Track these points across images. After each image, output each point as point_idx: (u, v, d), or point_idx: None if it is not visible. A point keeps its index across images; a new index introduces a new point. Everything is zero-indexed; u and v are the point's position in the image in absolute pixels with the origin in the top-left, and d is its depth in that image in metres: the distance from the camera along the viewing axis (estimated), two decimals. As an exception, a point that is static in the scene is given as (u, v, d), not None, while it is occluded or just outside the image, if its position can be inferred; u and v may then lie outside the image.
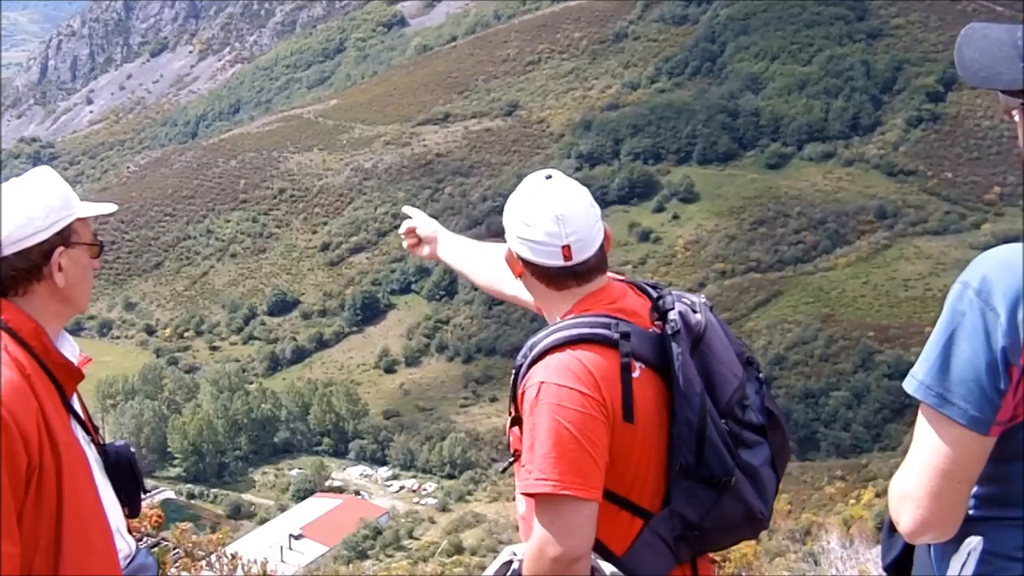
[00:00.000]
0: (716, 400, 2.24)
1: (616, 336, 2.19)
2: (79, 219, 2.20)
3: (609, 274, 2.46)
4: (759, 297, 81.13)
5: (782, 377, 68.44)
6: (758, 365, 2.42)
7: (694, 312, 2.29)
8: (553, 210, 2.26)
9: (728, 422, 2.24)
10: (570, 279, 2.30)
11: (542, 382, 2.16)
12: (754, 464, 2.26)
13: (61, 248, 2.15)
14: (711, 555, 2.43)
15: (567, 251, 2.25)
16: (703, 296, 2.38)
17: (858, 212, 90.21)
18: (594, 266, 2.30)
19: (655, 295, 2.36)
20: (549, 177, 2.33)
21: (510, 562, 2.28)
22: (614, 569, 2.20)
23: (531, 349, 2.24)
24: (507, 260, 2.39)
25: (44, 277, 2.14)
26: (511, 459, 2.28)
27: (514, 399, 2.27)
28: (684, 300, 2.32)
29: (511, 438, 2.29)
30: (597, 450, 2.13)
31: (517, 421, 2.25)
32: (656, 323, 2.29)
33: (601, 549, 2.22)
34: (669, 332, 2.23)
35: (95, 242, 2.25)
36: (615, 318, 2.24)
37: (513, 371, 2.28)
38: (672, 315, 2.25)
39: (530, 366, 2.23)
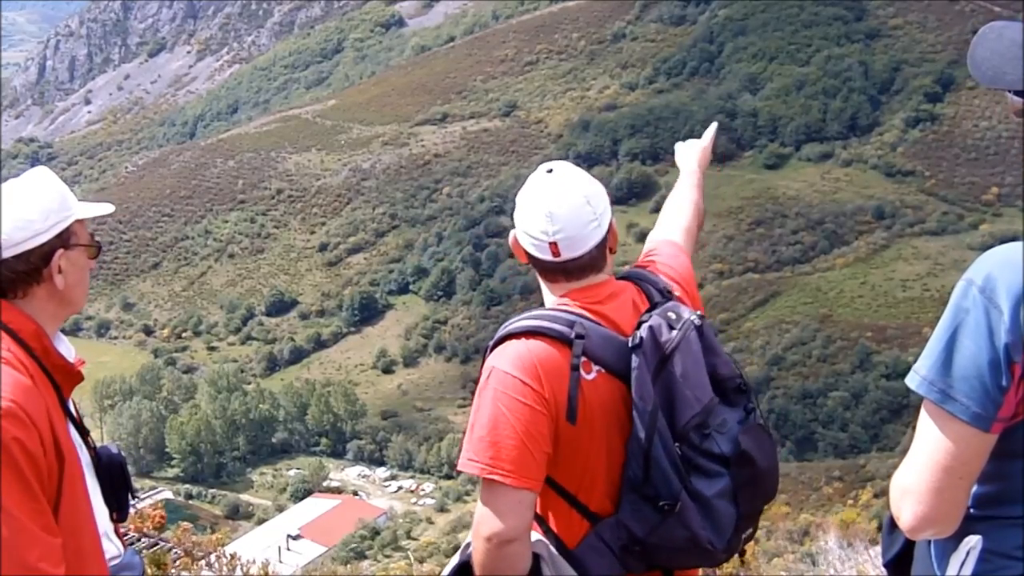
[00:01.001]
0: (672, 422, 2.18)
1: (572, 335, 2.19)
2: (77, 220, 2.20)
3: (631, 269, 2.47)
4: (757, 298, 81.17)
5: (780, 377, 68.51)
6: (752, 394, 2.33)
7: (670, 328, 2.21)
8: (545, 206, 2.27)
9: (682, 446, 2.17)
10: (559, 274, 2.31)
11: (493, 367, 2.19)
12: (705, 494, 2.17)
13: (61, 250, 2.15)
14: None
15: (554, 248, 2.26)
16: (695, 313, 2.29)
17: (856, 212, 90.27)
18: (587, 264, 2.29)
19: (655, 302, 2.34)
20: (550, 171, 2.34)
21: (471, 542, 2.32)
22: (564, 563, 2.22)
23: (499, 331, 2.28)
24: (512, 247, 2.42)
25: (44, 279, 2.14)
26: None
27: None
28: (670, 314, 2.25)
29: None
30: (533, 440, 2.13)
31: None
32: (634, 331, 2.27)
33: (556, 540, 2.25)
34: (631, 344, 2.20)
35: (93, 243, 2.25)
36: (582, 317, 2.23)
37: (484, 349, 2.32)
38: (642, 329, 2.21)
39: (492, 348, 2.26)
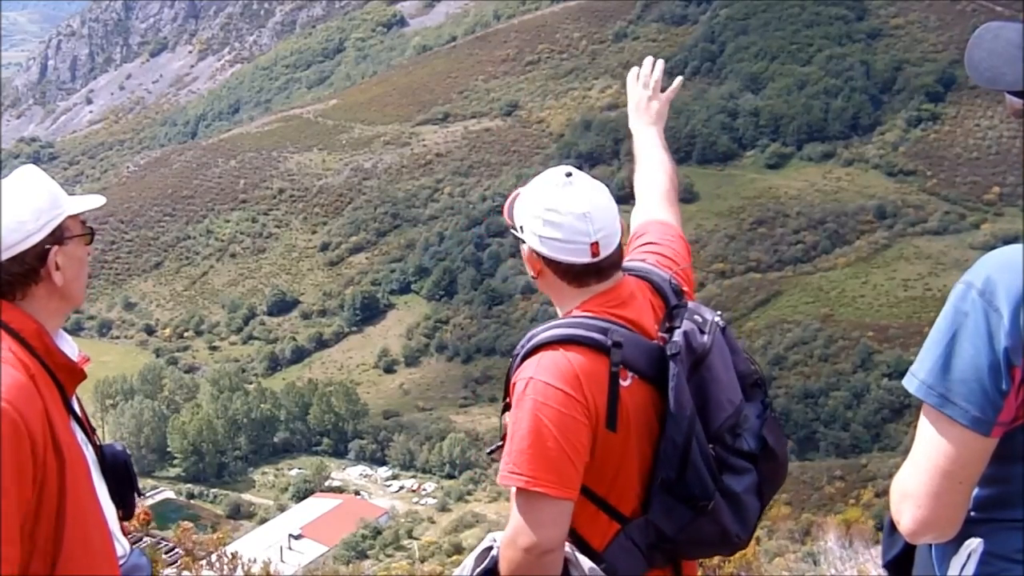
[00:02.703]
0: (707, 424, 2.24)
1: (608, 343, 2.19)
2: (69, 216, 2.19)
3: (635, 263, 2.49)
4: (758, 297, 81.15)
5: (781, 377, 68.45)
6: (767, 388, 2.43)
7: (702, 332, 2.28)
8: (580, 207, 2.26)
9: (716, 447, 2.25)
10: (592, 276, 2.31)
11: (531, 377, 2.18)
12: (736, 491, 2.26)
13: (56, 247, 2.14)
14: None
15: (595, 247, 2.26)
16: (718, 314, 2.37)
17: (857, 212, 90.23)
18: (616, 261, 2.33)
19: (672, 303, 2.37)
20: (569, 174, 2.33)
21: (490, 548, 2.29)
22: (592, 564, 2.22)
23: (528, 341, 2.26)
24: (527, 259, 2.38)
25: (42, 279, 2.13)
26: (499, 443, 2.29)
27: (507, 387, 2.29)
28: (696, 316, 2.31)
29: (503, 424, 2.30)
30: (575, 451, 2.15)
31: (508, 408, 2.27)
32: (661, 335, 2.29)
33: (581, 543, 2.25)
34: (669, 352, 2.23)
35: (86, 231, 2.24)
36: (614, 323, 2.24)
37: (511, 360, 2.30)
38: (676, 334, 2.26)
39: (524, 358, 2.24)
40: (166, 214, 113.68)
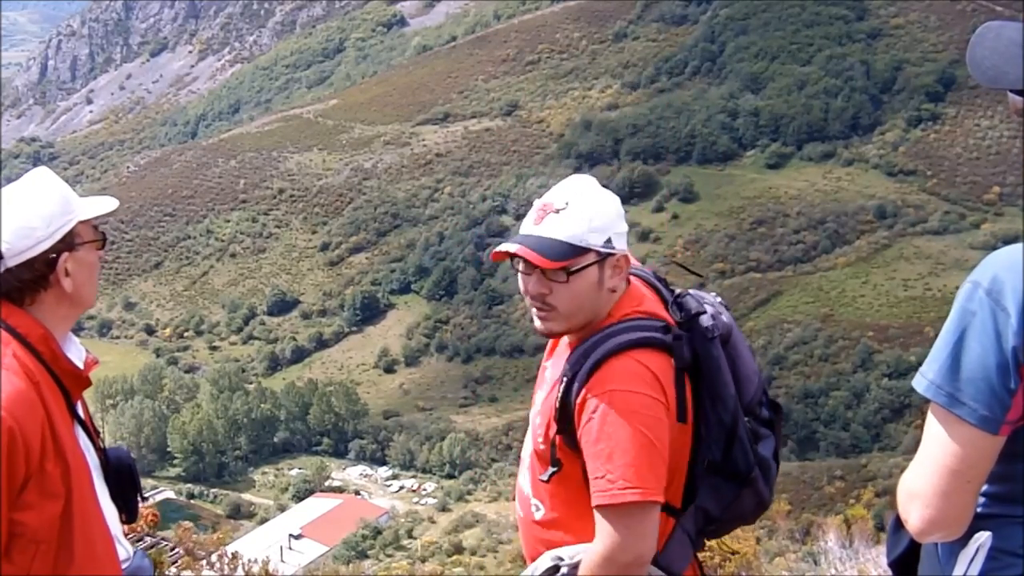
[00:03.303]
0: (741, 398, 2.30)
1: (670, 340, 2.21)
2: (80, 221, 2.16)
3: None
4: (759, 297, 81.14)
5: (782, 377, 68.44)
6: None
7: (719, 313, 2.34)
8: (618, 202, 2.31)
9: (750, 420, 2.34)
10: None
11: (613, 390, 2.14)
12: (767, 457, 2.36)
13: (66, 254, 2.12)
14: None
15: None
16: (715, 294, 2.42)
17: (858, 212, 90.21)
18: None
19: (670, 294, 2.39)
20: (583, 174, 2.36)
21: (556, 567, 2.25)
22: (655, 570, 2.23)
23: (585, 357, 2.20)
24: (616, 266, 2.27)
25: (51, 284, 2.12)
26: (554, 469, 2.24)
27: (564, 407, 2.21)
28: (707, 301, 2.35)
29: (555, 447, 2.24)
30: (667, 453, 2.17)
31: (565, 430, 2.21)
32: (675, 321, 2.30)
33: None
34: (710, 336, 2.26)
35: (98, 237, 2.22)
36: (662, 321, 2.27)
37: (564, 380, 2.23)
38: (705, 319, 2.28)
39: (590, 373, 2.18)
40: (166, 214, 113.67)
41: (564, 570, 2.24)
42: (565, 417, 2.22)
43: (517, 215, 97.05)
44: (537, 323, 2.30)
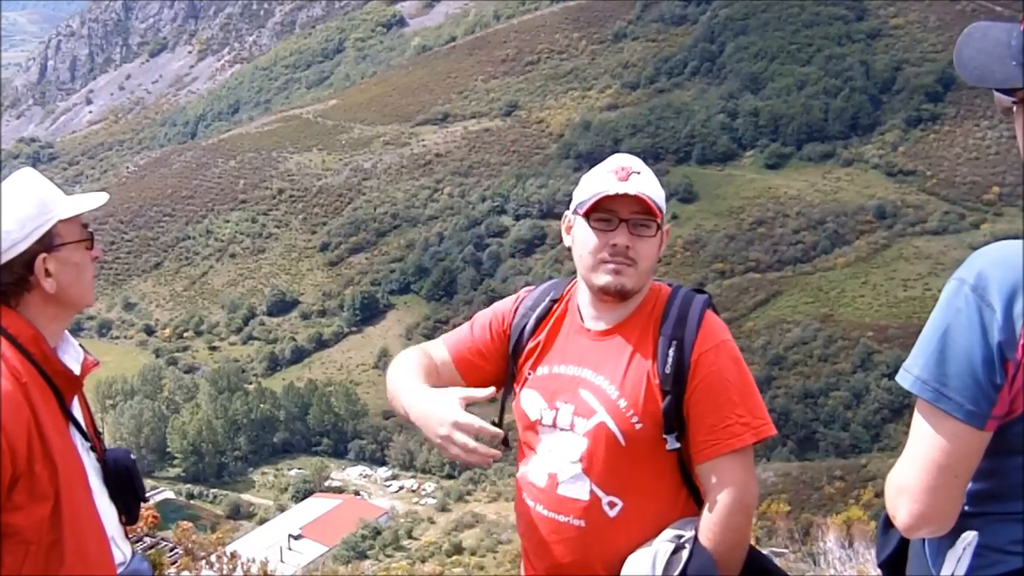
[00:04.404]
0: None
1: (710, 296, 2.40)
2: (62, 220, 2.15)
3: None
4: (758, 297, 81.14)
5: (781, 377, 68.47)
6: None
7: None
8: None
9: None
10: None
11: (722, 341, 2.29)
12: None
13: (43, 255, 2.11)
14: None
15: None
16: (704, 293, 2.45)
17: (857, 212, 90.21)
18: None
19: None
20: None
21: (678, 547, 2.22)
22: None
23: (682, 318, 2.31)
24: (667, 236, 2.42)
25: (33, 286, 2.11)
26: (677, 433, 2.25)
27: (679, 370, 2.26)
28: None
29: (669, 414, 2.25)
30: None
31: (675, 394, 2.25)
32: None
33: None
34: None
35: (83, 237, 2.20)
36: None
37: (674, 343, 2.28)
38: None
39: (696, 331, 2.29)
40: (166, 214, 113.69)
41: (688, 546, 2.21)
42: (679, 380, 2.25)
43: (516, 215, 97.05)
44: (608, 279, 2.28)
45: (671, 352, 2.26)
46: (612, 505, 2.29)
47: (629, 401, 2.27)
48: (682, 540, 2.22)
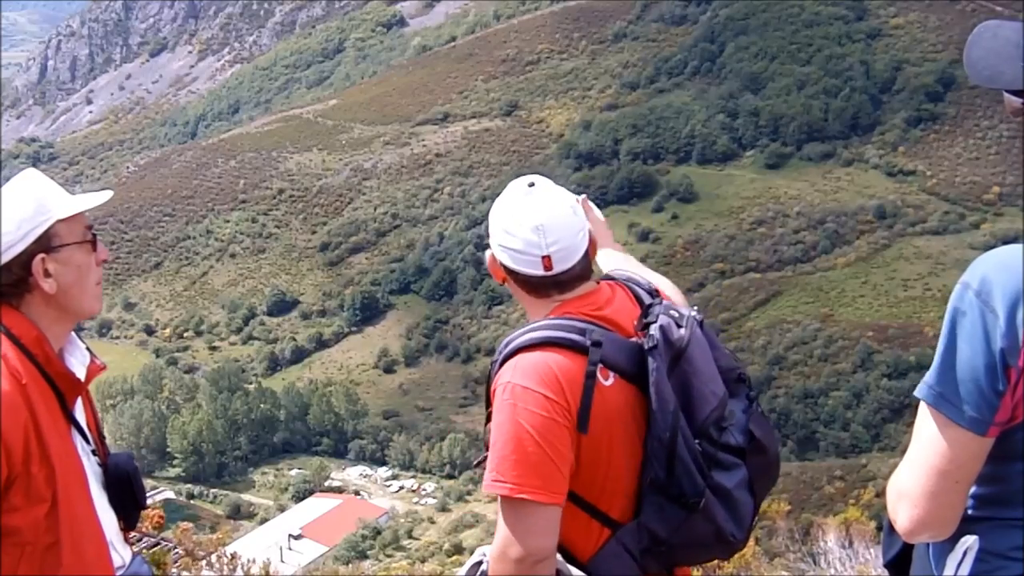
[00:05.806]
0: (692, 419, 2.19)
1: (587, 343, 2.15)
2: (61, 220, 2.13)
3: (615, 271, 2.46)
4: (758, 297, 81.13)
5: (781, 377, 68.49)
6: (750, 383, 2.37)
7: (678, 326, 2.22)
8: (533, 220, 2.22)
9: (702, 442, 2.19)
10: (551, 288, 2.27)
11: (510, 382, 2.14)
12: (727, 487, 2.20)
13: (41, 255, 2.09)
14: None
15: (547, 261, 2.22)
16: (695, 309, 2.33)
17: (857, 212, 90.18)
18: (577, 274, 2.27)
19: (647, 303, 2.32)
20: (532, 184, 2.29)
21: (480, 562, 2.25)
22: (580, 573, 2.18)
23: (506, 346, 2.22)
24: (489, 266, 2.36)
25: (33, 287, 2.10)
26: (484, 454, 2.22)
27: (488, 394, 2.24)
28: (672, 312, 2.25)
29: (486, 432, 2.24)
30: (559, 455, 2.10)
31: (491, 418, 2.21)
32: (640, 332, 2.24)
33: (566, 553, 2.19)
34: (647, 346, 2.18)
35: (85, 238, 2.18)
36: (592, 324, 2.20)
37: (490, 366, 2.26)
38: (653, 328, 2.20)
39: (502, 364, 2.20)
40: (166, 214, 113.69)
41: (484, 566, 2.23)
42: (488, 402, 2.24)
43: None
44: None
45: (488, 374, 2.29)
46: None
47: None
48: (485, 558, 2.24)
